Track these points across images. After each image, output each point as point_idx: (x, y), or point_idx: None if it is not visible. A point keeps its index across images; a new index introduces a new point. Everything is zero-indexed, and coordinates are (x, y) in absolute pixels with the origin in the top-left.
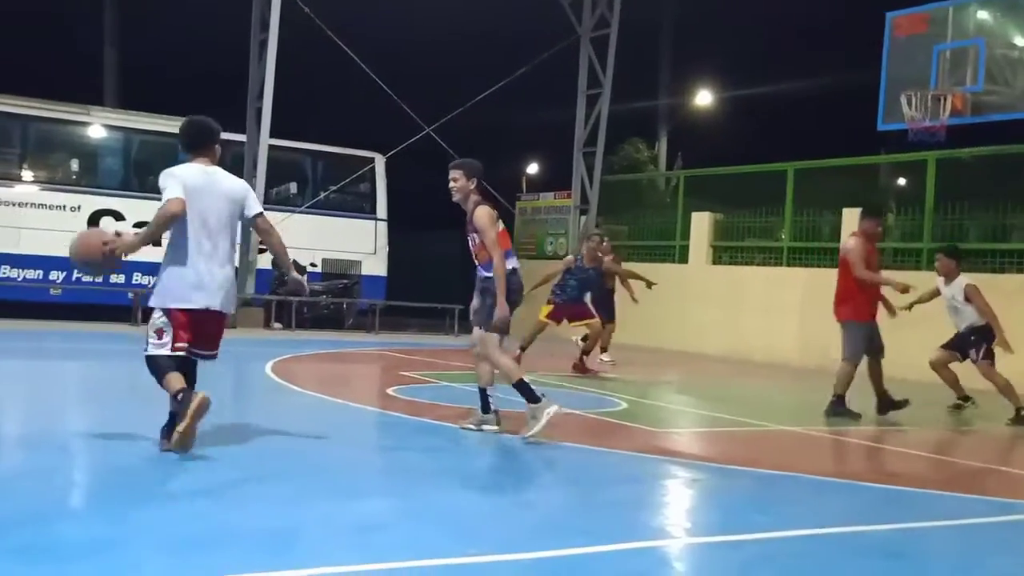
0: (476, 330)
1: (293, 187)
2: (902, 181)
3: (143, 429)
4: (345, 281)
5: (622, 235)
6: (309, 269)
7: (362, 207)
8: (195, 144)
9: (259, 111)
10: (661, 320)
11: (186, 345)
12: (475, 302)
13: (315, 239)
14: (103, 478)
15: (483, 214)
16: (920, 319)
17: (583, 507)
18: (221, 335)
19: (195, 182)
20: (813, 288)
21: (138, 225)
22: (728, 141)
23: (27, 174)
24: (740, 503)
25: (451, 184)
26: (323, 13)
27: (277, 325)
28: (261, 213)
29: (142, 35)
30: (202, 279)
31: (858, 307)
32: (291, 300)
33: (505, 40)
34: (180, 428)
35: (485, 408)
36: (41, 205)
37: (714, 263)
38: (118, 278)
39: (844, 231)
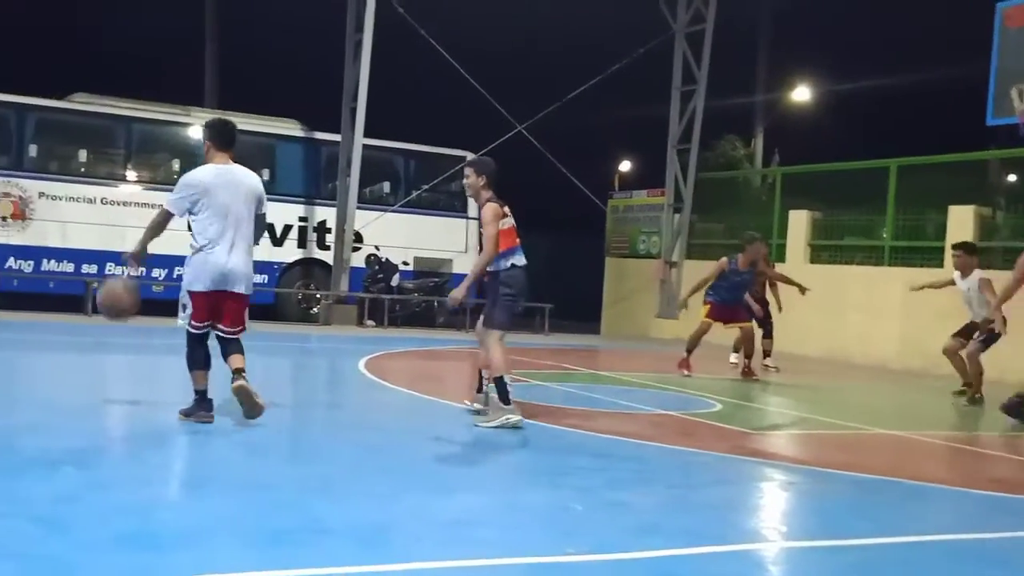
0: (479, 321)
1: (386, 186)
2: (1013, 177)
3: (240, 420)
4: (436, 279)
5: (717, 234)
6: (401, 267)
7: (454, 206)
8: (223, 143)
9: (353, 111)
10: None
11: (202, 324)
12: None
13: (407, 238)
14: (200, 469)
15: (486, 211)
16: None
17: (678, 508)
18: (244, 314)
19: (212, 181)
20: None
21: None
22: (827, 137)
23: (131, 174)
24: (838, 507)
25: (464, 180)
26: (416, 13)
27: (370, 322)
28: (264, 213)
29: (240, 34)
30: (226, 265)
31: None
32: (384, 298)
33: (598, 37)
34: (184, 414)
35: (505, 398)
36: (144, 204)
37: (812, 262)
38: None
39: (950, 230)
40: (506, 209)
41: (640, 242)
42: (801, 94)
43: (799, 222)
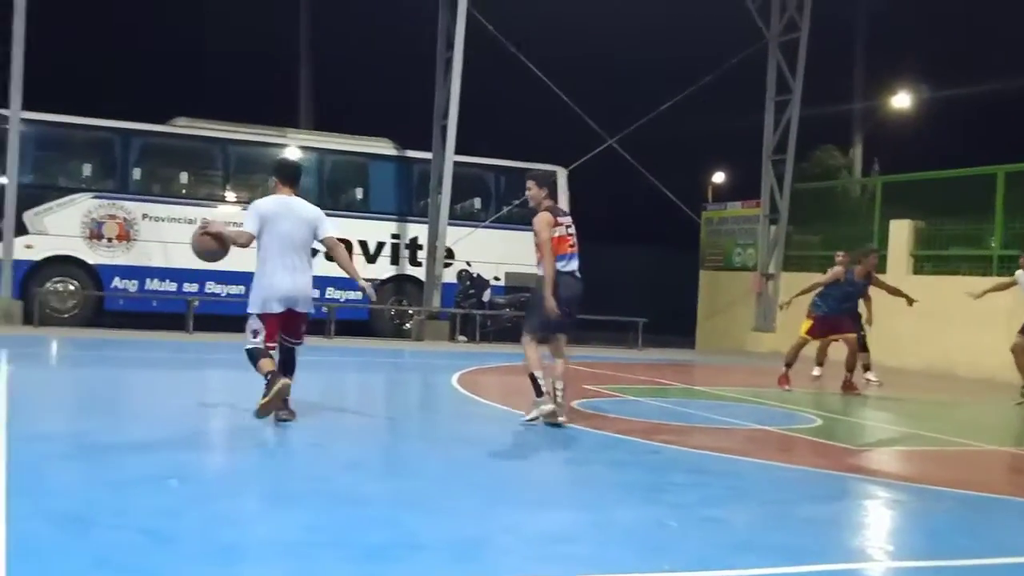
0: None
1: (477, 202)
2: None
3: (335, 436)
4: (527, 294)
5: (814, 245)
6: (492, 283)
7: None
8: (287, 179)
9: (444, 128)
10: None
11: (276, 343)
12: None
13: (499, 253)
14: (296, 483)
15: (539, 219)
16: None
17: (777, 525)
18: (304, 327)
19: (274, 209)
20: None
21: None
22: (929, 145)
23: (229, 195)
24: (945, 526)
25: (527, 192)
26: (506, 30)
27: (462, 338)
28: (330, 234)
29: (333, 56)
30: (285, 287)
31: None
32: (475, 313)
33: (688, 48)
34: (262, 401)
35: (537, 390)
36: (243, 224)
37: (915, 273)
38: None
39: None
40: (560, 218)
41: (735, 254)
42: (901, 100)
43: (901, 232)
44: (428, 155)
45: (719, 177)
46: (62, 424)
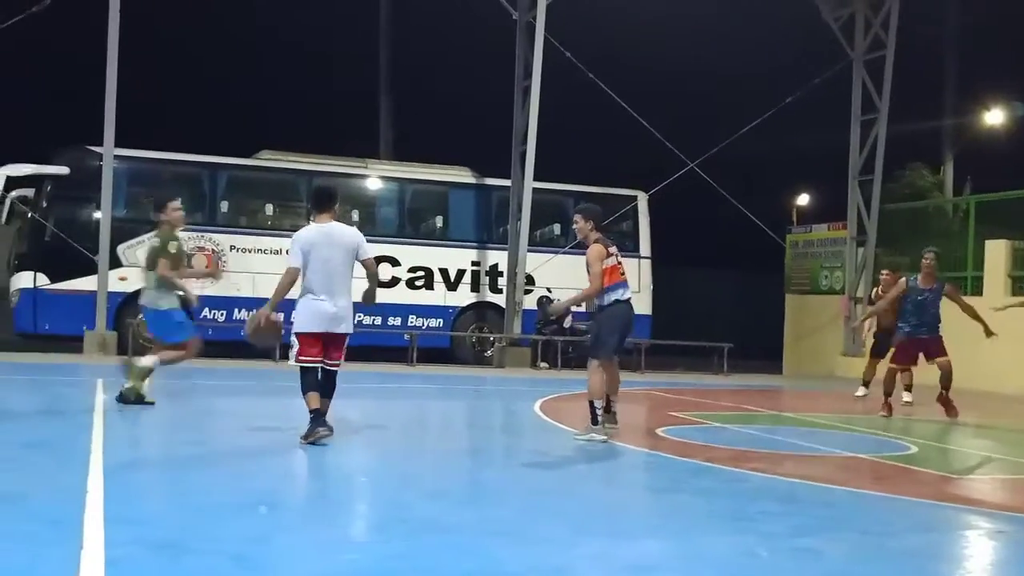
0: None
1: (557, 228)
2: None
3: (418, 463)
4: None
5: (904, 267)
6: (574, 309)
7: (625, 245)
8: (318, 206)
9: (523, 155)
10: (953, 358)
11: (314, 359)
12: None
13: (580, 279)
14: (381, 510)
15: (592, 251)
16: None
17: (873, 557)
18: (343, 349)
19: (315, 238)
20: None
21: (412, 270)
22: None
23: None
24: None
25: (574, 226)
26: (583, 54)
27: (543, 364)
28: (369, 256)
29: (413, 86)
30: (333, 311)
31: None
32: (556, 340)
33: (770, 67)
34: (305, 438)
35: (593, 418)
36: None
37: (1014, 294)
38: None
39: None
40: (611, 249)
41: (822, 278)
42: (994, 116)
43: (997, 252)
44: (507, 182)
45: (803, 199)
46: (156, 451)
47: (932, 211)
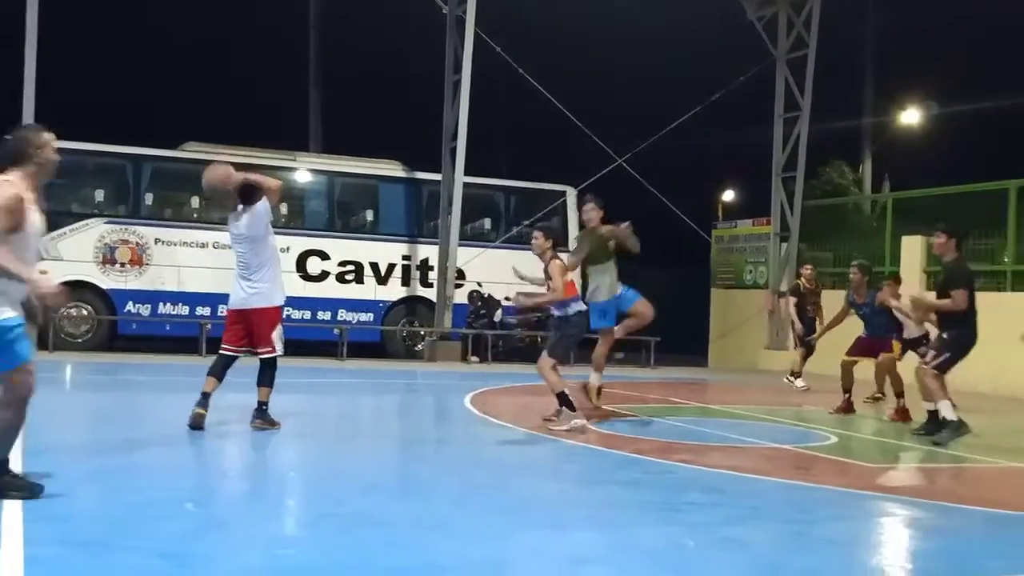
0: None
1: (487, 223)
2: None
3: (353, 456)
4: (540, 314)
5: (826, 262)
6: (504, 303)
7: (555, 240)
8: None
9: (454, 150)
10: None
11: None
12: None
13: (510, 273)
14: (315, 506)
15: (556, 266)
16: None
17: (798, 545)
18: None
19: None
20: None
21: (342, 264)
22: (940, 160)
23: None
24: (969, 545)
25: (533, 242)
26: (513, 50)
27: (474, 358)
28: None
29: (343, 79)
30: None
31: None
32: (487, 334)
33: (696, 66)
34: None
35: (570, 406)
36: None
37: (929, 289)
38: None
39: None
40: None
41: (747, 272)
42: (911, 116)
43: (913, 248)
44: (438, 176)
45: (729, 195)
46: (79, 447)
47: (852, 207)
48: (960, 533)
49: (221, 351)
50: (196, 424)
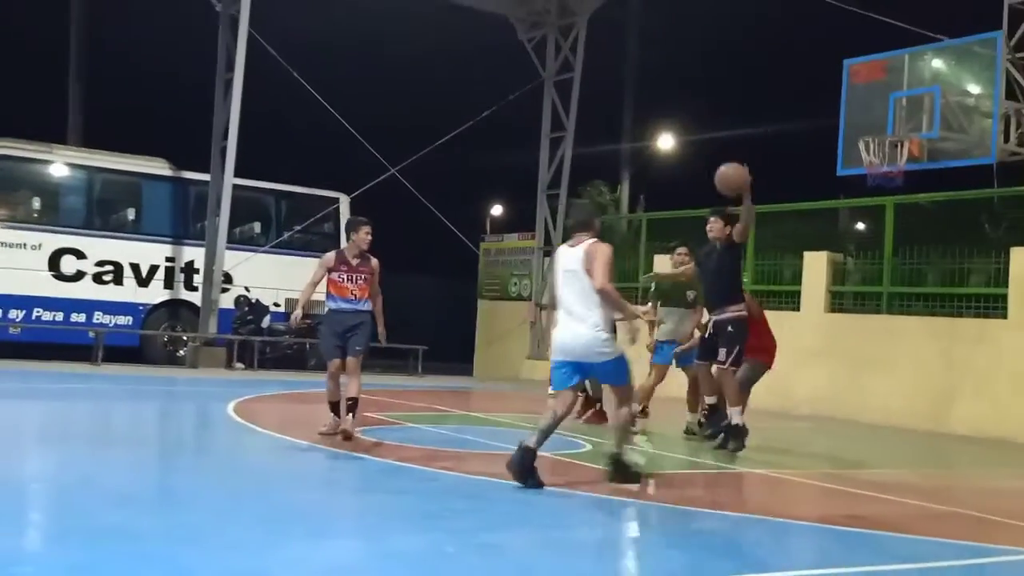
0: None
1: (257, 227)
2: (861, 225)
3: (103, 466)
4: (309, 321)
5: None
6: (272, 308)
7: (326, 247)
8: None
9: (223, 150)
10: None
11: None
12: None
13: (279, 279)
14: (62, 518)
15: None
16: None
17: (552, 549)
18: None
19: None
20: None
21: (99, 264)
22: (691, 184)
23: None
24: (702, 546)
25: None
26: (288, 54)
27: (239, 365)
28: None
29: (108, 72)
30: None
31: None
32: (254, 340)
33: (470, 83)
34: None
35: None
36: (1, 243)
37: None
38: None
39: (805, 274)
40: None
41: (512, 284)
42: (665, 142)
43: (665, 267)
44: (206, 177)
45: (497, 210)
46: None
47: (610, 226)
48: (695, 536)
49: None
50: None
